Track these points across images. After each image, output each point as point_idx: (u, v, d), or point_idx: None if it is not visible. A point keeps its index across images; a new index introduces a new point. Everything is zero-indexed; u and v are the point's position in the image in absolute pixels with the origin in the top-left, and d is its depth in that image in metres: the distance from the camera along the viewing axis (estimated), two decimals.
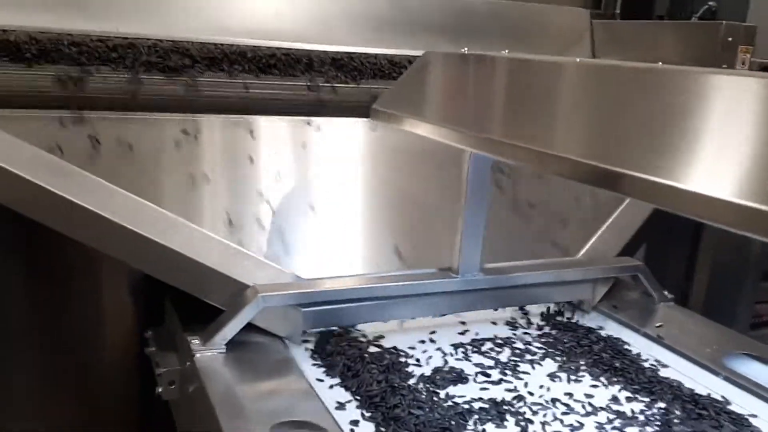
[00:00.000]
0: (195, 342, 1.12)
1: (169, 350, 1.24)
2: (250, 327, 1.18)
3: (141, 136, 1.42)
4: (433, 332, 1.30)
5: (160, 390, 1.20)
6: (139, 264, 1.19)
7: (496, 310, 1.39)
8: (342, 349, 1.17)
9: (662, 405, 1.09)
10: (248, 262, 1.22)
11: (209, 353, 1.11)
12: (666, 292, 1.47)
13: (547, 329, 1.35)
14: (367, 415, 1.01)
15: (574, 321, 1.40)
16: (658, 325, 1.35)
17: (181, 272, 1.18)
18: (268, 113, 1.52)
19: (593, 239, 1.51)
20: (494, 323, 1.36)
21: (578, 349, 1.27)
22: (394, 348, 1.22)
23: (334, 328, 1.24)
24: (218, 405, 0.98)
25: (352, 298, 1.23)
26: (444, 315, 1.32)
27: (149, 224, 1.17)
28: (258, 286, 1.15)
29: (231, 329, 1.12)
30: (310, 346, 1.21)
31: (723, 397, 1.13)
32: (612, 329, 1.37)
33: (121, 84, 1.39)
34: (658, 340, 1.30)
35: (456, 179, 1.22)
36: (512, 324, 1.37)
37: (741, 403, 1.12)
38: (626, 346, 1.29)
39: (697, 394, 1.13)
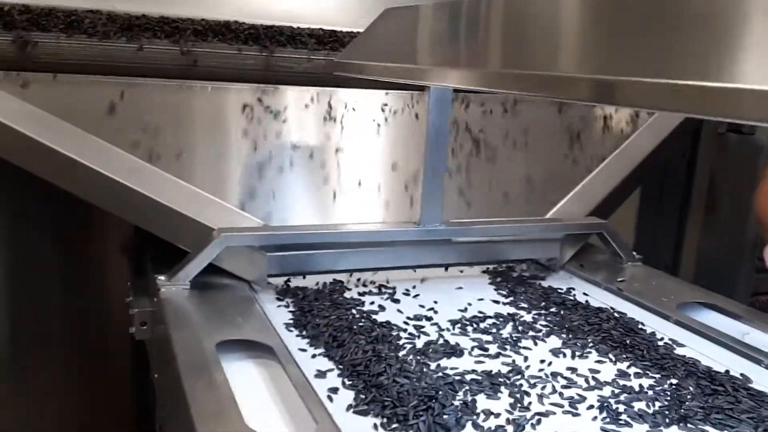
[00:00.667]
0: (161, 279, 1.18)
1: (144, 295, 1.31)
2: (219, 271, 1.24)
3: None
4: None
5: (133, 330, 1.26)
6: (112, 208, 1.26)
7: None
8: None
9: (599, 345, 1.12)
10: (217, 208, 1.29)
11: (173, 288, 1.17)
12: (634, 253, 1.49)
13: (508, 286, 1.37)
14: (307, 333, 1.07)
15: (540, 277, 1.42)
16: (620, 279, 1.37)
17: (152, 216, 1.25)
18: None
19: (562, 202, 1.54)
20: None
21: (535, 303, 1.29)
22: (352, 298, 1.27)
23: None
24: (173, 327, 1.03)
25: (315, 244, 1.28)
26: (408, 267, 1.36)
27: (123, 170, 1.24)
28: (221, 228, 1.21)
29: (194, 266, 1.18)
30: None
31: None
32: (576, 285, 1.40)
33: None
34: (617, 292, 1.32)
35: None
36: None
37: (691, 344, 1.14)
38: (587, 299, 1.32)
39: (641, 329, 1.16)
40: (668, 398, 0.93)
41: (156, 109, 1.35)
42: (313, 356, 1.01)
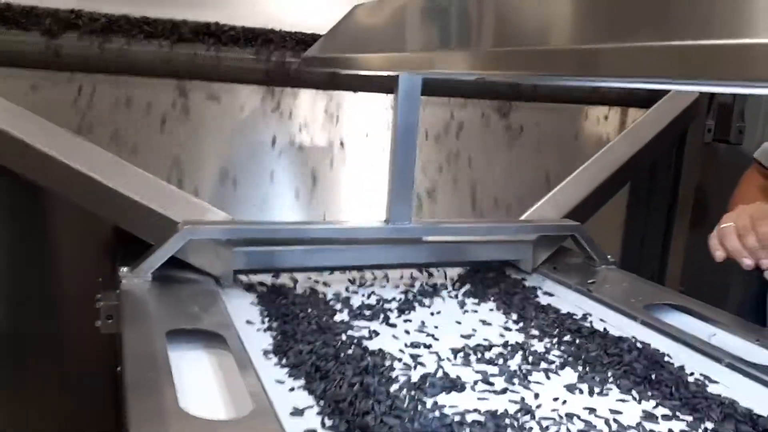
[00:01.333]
0: (123, 271, 1.18)
1: (113, 289, 1.31)
2: (187, 267, 1.24)
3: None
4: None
5: (99, 323, 1.26)
6: (81, 200, 1.27)
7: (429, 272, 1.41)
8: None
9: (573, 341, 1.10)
10: (184, 202, 1.29)
11: (135, 280, 1.17)
12: (609, 257, 1.48)
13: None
14: (268, 325, 1.07)
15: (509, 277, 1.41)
16: (590, 281, 1.36)
17: (119, 209, 1.25)
18: None
19: (537, 205, 1.53)
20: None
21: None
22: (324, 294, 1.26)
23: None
24: (127, 318, 1.03)
25: (282, 240, 1.27)
26: (376, 266, 1.35)
27: (92, 163, 1.25)
28: (186, 221, 1.21)
29: (156, 258, 1.18)
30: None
31: (634, 337, 1.13)
32: (547, 287, 1.39)
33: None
34: (586, 293, 1.31)
35: None
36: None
37: (658, 345, 1.12)
38: (553, 300, 1.30)
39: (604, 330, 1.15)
40: None
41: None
42: (259, 331, 1.00)
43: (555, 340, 1.11)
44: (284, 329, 1.05)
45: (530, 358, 1.03)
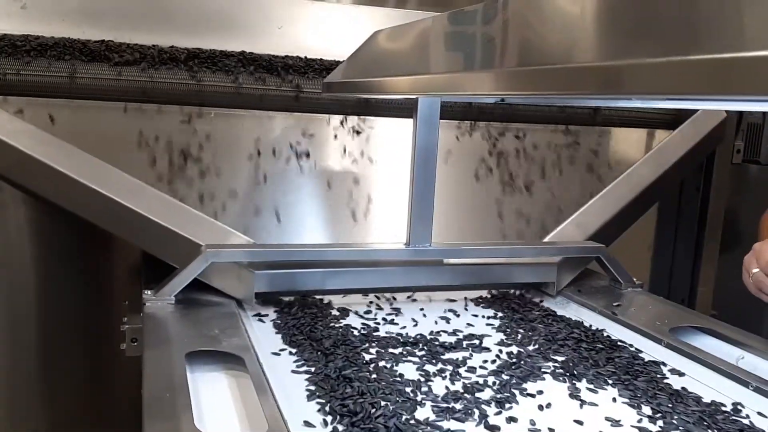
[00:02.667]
0: (147, 294, 1.20)
1: (137, 312, 1.32)
2: (209, 289, 1.26)
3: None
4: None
5: (124, 347, 1.28)
6: (105, 224, 1.29)
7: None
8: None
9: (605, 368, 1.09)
10: (208, 225, 1.31)
11: (158, 303, 1.19)
12: (635, 279, 1.46)
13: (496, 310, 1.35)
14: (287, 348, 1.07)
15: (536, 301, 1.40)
16: (615, 304, 1.34)
17: (144, 232, 1.28)
18: None
19: (561, 227, 1.52)
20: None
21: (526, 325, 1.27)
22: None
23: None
24: (148, 340, 1.05)
25: (303, 262, 1.28)
26: (397, 289, 1.35)
27: (115, 187, 1.28)
28: (209, 244, 1.23)
29: (178, 281, 1.20)
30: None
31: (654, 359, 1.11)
32: (572, 310, 1.37)
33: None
34: (611, 316, 1.29)
35: None
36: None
37: (684, 368, 1.10)
38: (580, 320, 1.29)
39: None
40: None
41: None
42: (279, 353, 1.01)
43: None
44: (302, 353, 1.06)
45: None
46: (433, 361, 1.07)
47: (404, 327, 1.21)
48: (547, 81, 0.57)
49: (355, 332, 1.16)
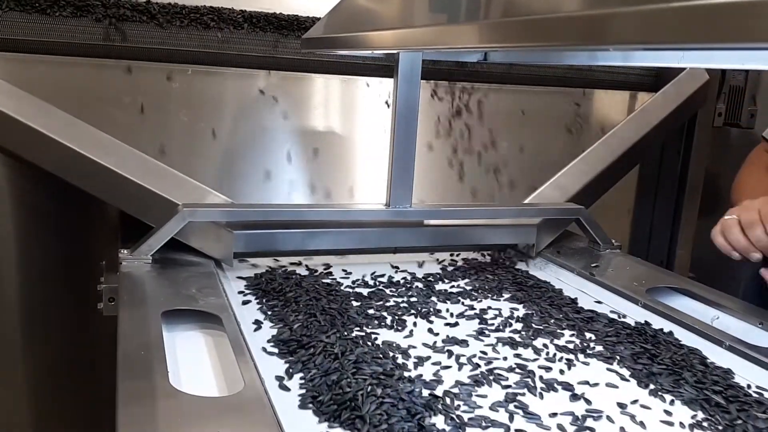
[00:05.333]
0: (123, 253, 1.19)
1: (115, 272, 1.31)
2: (187, 249, 1.24)
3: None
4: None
5: (101, 306, 1.27)
6: (81, 183, 1.27)
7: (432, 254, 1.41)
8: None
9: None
10: (186, 185, 1.29)
11: (135, 262, 1.17)
12: (614, 241, 1.46)
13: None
14: (263, 305, 1.07)
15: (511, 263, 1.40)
16: (594, 265, 1.34)
17: (120, 191, 1.26)
18: None
19: (541, 189, 1.52)
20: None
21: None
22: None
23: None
24: (124, 299, 1.03)
25: (282, 223, 1.27)
26: (376, 249, 1.35)
27: (91, 145, 1.26)
28: (185, 203, 1.21)
29: (155, 240, 1.18)
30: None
31: (641, 321, 1.12)
32: (550, 272, 1.38)
33: None
34: (589, 277, 1.29)
35: None
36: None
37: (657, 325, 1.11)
38: (556, 282, 1.29)
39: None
40: None
41: None
42: (259, 324, 1.01)
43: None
44: (278, 312, 1.06)
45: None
46: (409, 315, 1.08)
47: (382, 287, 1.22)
48: (531, 32, 0.56)
49: (336, 293, 1.16)
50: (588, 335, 1.05)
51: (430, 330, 1.04)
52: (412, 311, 1.10)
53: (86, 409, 1.67)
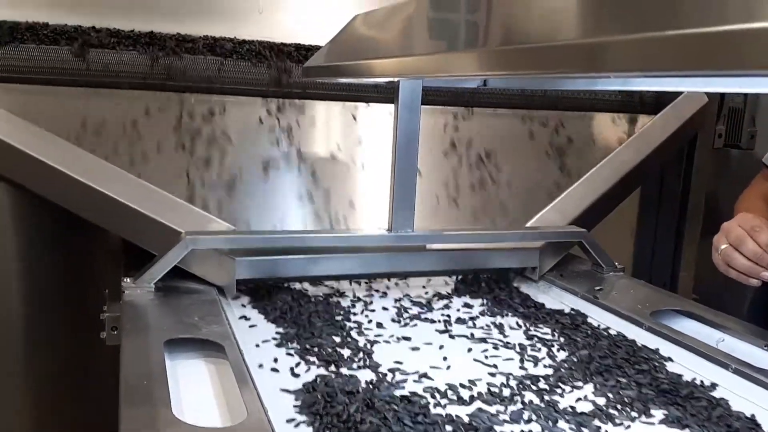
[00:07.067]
0: (126, 282, 1.19)
1: (118, 300, 1.31)
2: (190, 276, 1.24)
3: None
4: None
5: (104, 335, 1.26)
6: (83, 212, 1.27)
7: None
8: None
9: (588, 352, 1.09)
10: (187, 213, 1.29)
11: (138, 291, 1.17)
12: (617, 263, 1.46)
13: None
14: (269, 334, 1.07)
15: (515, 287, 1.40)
16: (597, 288, 1.34)
17: (123, 220, 1.26)
18: None
19: (543, 212, 1.52)
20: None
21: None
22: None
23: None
24: (127, 328, 1.03)
25: (283, 249, 1.27)
26: (380, 274, 1.35)
27: (93, 174, 1.27)
28: (188, 231, 1.21)
29: (158, 269, 1.18)
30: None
31: (636, 341, 1.11)
32: (554, 295, 1.37)
33: None
34: (593, 300, 1.29)
35: None
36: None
37: (662, 349, 1.10)
38: (559, 306, 1.29)
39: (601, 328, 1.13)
40: None
41: None
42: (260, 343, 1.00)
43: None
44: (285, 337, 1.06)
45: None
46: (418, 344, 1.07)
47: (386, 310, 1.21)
48: (530, 60, 0.56)
49: (340, 318, 1.16)
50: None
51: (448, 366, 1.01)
52: (432, 340, 1.09)
53: None
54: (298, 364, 0.97)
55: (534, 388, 0.94)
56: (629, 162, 1.66)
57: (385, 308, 1.24)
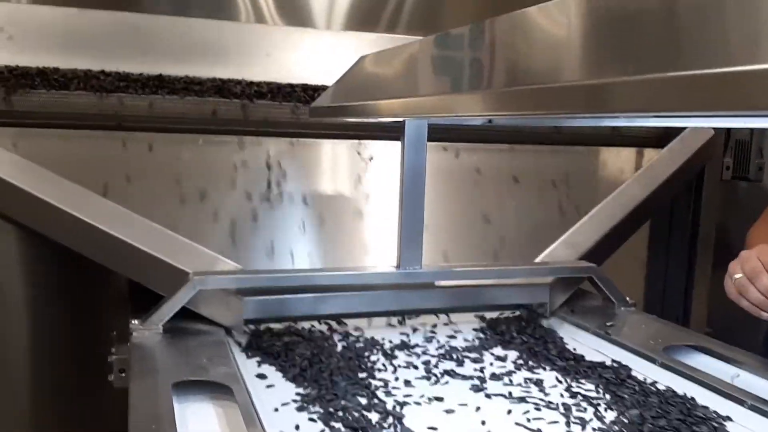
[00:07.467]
0: (134, 323, 1.18)
1: (125, 342, 1.30)
2: (198, 317, 1.24)
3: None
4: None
5: (111, 378, 1.25)
6: (89, 252, 1.28)
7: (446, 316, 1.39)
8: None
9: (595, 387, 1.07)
10: (195, 253, 1.29)
11: (146, 332, 1.17)
12: (628, 298, 1.45)
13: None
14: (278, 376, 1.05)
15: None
16: (609, 324, 1.33)
17: (128, 261, 1.26)
18: None
19: (552, 247, 1.51)
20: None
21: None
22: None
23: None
24: (135, 370, 1.03)
25: (291, 288, 1.27)
26: (388, 312, 1.34)
27: (99, 214, 1.27)
28: (195, 272, 1.21)
29: (166, 310, 1.18)
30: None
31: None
32: (565, 331, 1.36)
33: None
34: (605, 336, 1.27)
35: None
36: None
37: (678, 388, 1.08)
38: (572, 342, 1.27)
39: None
40: None
41: None
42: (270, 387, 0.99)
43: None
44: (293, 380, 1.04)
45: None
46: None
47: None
48: (534, 100, 0.57)
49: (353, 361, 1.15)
50: None
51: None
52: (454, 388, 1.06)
53: None
54: None
55: None
56: (638, 196, 1.65)
57: (415, 366, 1.14)
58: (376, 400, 0.99)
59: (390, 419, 0.93)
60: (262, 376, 1.08)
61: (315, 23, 1.98)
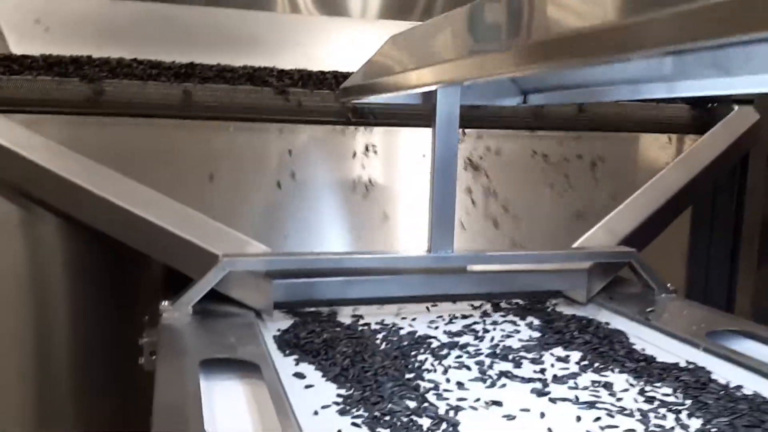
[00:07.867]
0: (164, 305, 1.18)
1: (155, 326, 1.30)
2: (228, 300, 1.23)
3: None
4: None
5: (142, 361, 1.25)
6: (122, 236, 1.28)
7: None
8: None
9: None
10: (225, 235, 1.28)
11: (175, 314, 1.16)
12: (669, 285, 1.40)
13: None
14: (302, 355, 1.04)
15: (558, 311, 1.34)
16: (649, 310, 1.28)
17: (160, 243, 1.26)
18: None
19: (590, 232, 1.47)
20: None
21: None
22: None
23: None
24: (163, 349, 1.02)
25: (321, 271, 1.25)
26: (418, 298, 1.31)
27: (131, 198, 1.27)
28: (225, 254, 1.20)
29: (195, 292, 1.17)
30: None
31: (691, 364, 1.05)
32: (604, 318, 1.31)
33: None
34: (645, 321, 1.23)
35: None
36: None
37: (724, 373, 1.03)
38: (609, 326, 1.23)
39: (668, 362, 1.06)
40: None
41: None
42: (300, 376, 0.97)
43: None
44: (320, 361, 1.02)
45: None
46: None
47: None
48: (564, 48, 0.54)
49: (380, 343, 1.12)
50: None
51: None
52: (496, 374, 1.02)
53: None
54: None
55: None
56: (678, 181, 1.60)
57: (467, 367, 1.04)
58: (426, 404, 0.89)
59: (444, 425, 0.83)
60: (300, 376, 0.99)
61: (350, 12, 1.98)
